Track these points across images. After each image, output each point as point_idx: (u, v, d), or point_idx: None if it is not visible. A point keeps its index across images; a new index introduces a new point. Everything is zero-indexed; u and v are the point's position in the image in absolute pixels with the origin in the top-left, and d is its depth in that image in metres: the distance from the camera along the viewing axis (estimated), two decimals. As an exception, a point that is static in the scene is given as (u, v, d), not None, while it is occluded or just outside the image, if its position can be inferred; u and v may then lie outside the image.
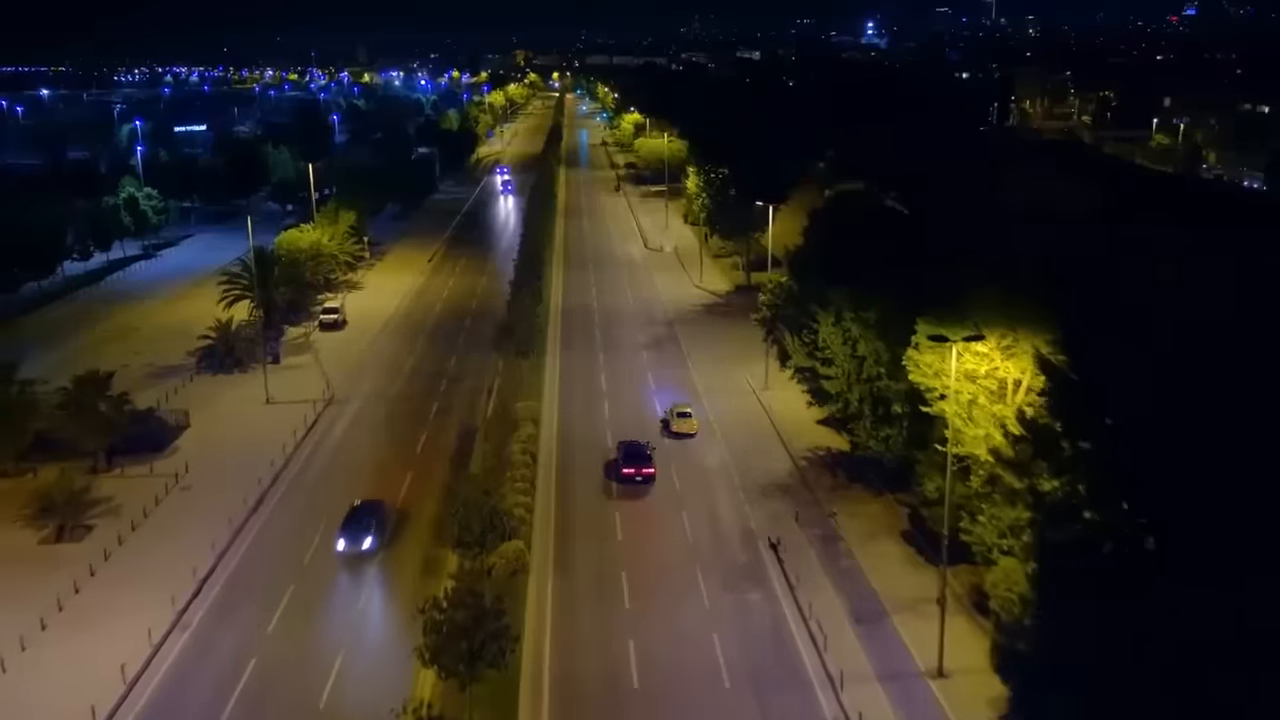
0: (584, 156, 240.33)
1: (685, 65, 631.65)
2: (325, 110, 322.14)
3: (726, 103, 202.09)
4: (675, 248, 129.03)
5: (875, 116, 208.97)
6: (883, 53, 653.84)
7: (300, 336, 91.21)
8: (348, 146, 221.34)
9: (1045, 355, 39.20)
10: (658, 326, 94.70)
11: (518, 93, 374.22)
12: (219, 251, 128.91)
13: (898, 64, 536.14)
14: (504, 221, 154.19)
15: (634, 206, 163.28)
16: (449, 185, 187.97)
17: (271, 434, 67.52)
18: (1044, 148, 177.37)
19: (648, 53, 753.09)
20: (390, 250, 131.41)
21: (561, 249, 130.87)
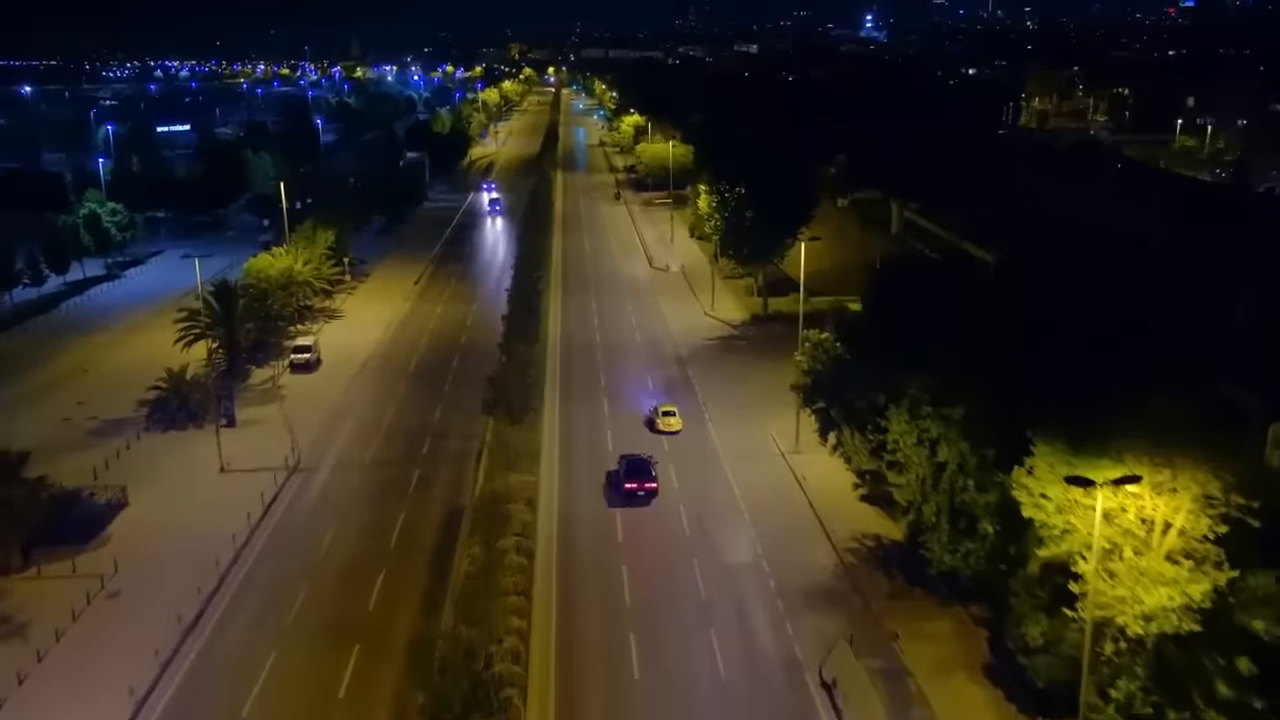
0: (581, 158, 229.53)
1: (682, 59, 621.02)
2: (314, 108, 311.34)
3: (730, 103, 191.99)
4: (682, 266, 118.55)
5: (886, 116, 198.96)
6: (883, 46, 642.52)
7: (267, 381, 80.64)
8: (334, 150, 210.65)
9: (1215, 494, 29.11)
10: (668, 366, 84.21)
11: (512, 89, 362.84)
12: (190, 271, 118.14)
13: (900, 58, 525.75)
14: (498, 235, 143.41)
15: (636, 217, 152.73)
16: (440, 191, 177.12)
17: (222, 517, 57.02)
18: (1082, 156, 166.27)
19: (644, 46, 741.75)
20: (374, 269, 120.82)
21: (559, 269, 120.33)
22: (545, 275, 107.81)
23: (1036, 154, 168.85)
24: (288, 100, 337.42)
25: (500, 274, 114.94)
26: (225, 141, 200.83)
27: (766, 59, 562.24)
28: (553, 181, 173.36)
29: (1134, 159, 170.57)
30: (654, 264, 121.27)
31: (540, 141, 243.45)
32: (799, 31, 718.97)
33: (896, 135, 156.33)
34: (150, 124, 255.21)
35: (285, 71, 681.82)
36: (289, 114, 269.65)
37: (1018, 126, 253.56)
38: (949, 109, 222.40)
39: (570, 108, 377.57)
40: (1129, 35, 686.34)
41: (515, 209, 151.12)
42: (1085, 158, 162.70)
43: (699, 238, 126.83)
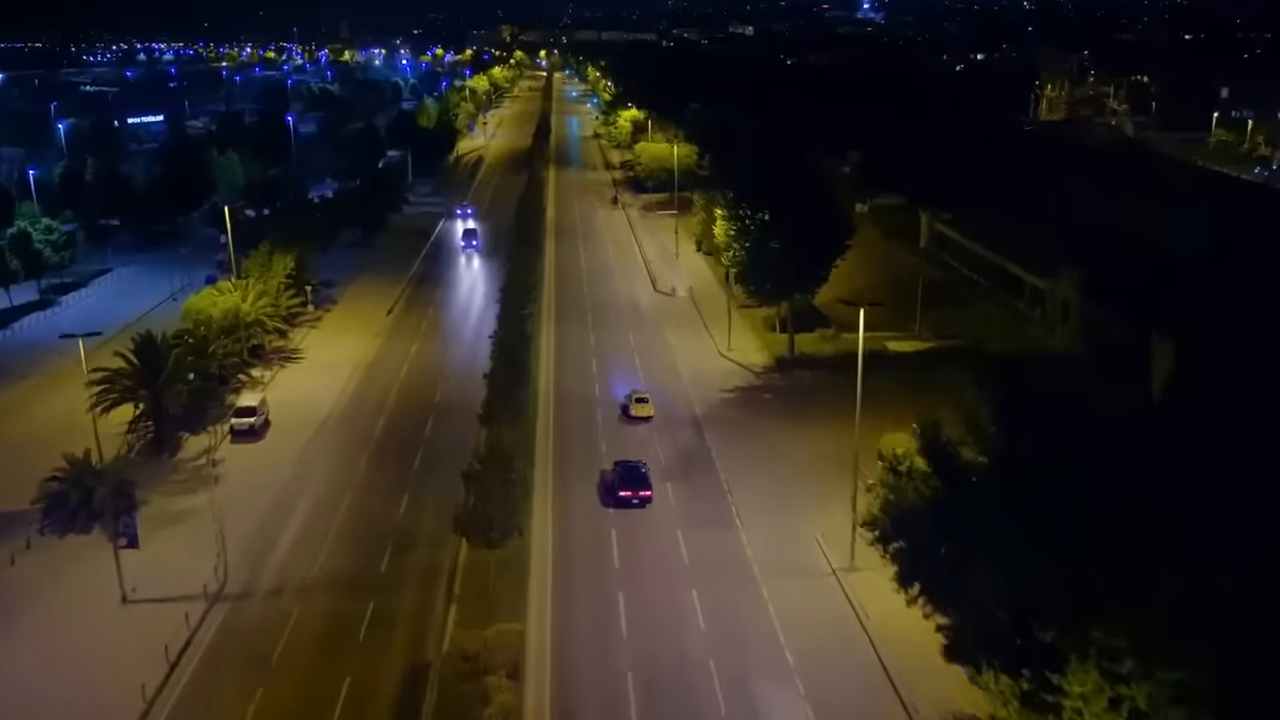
0: (575, 152, 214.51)
1: (677, 42, 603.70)
2: (294, 96, 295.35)
3: (733, 94, 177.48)
4: (690, 290, 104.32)
5: (897, 108, 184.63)
6: (880, 28, 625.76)
7: (201, 455, 66.45)
8: (312, 144, 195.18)
9: None
10: (682, 430, 70.12)
11: (502, 75, 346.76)
12: (137, 295, 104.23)
13: (900, 41, 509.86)
14: (483, 254, 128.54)
15: (635, 225, 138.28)
16: (423, 194, 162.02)
17: (113, 680, 43.17)
18: (1118, 153, 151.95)
19: (637, 27, 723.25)
20: (343, 293, 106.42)
21: (552, 291, 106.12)
22: (536, 304, 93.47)
23: (1068, 151, 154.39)
24: (268, 87, 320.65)
25: (485, 302, 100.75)
26: (192, 138, 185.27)
27: (763, 41, 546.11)
28: (544, 183, 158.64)
29: (1172, 157, 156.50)
30: (658, 286, 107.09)
31: (532, 133, 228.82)
32: (795, 13, 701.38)
33: (913, 130, 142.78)
34: (120, 115, 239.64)
35: (272, 55, 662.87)
36: (266, 103, 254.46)
37: (1036, 118, 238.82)
38: (964, 100, 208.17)
39: (563, 94, 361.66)
40: (1130, 15, 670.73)
41: (497, 238, 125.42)
42: (1122, 156, 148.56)
43: (707, 252, 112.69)
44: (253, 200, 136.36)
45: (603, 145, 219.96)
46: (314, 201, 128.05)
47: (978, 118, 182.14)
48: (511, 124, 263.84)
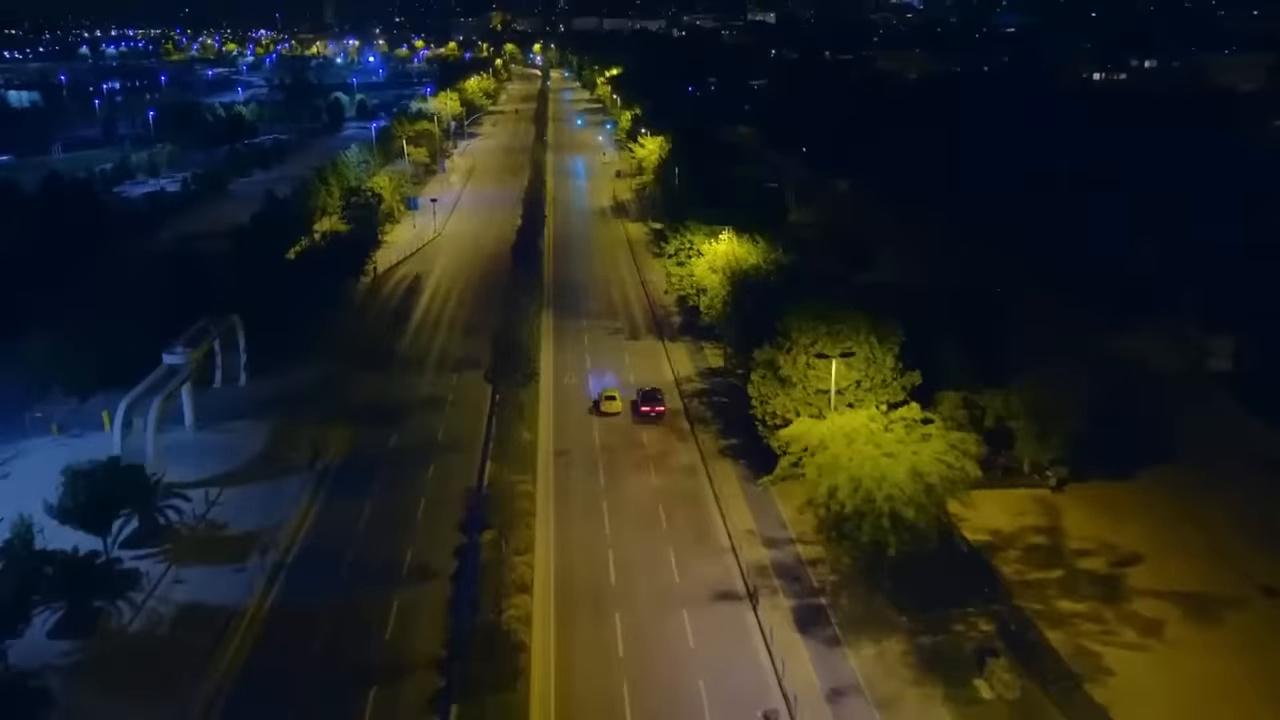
0: (584, 234, 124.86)
1: (689, 31, 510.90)
2: (190, 121, 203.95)
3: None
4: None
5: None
6: (919, 13, 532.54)
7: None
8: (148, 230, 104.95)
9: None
10: None
11: (481, 87, 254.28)
12: None
13: (939, 29, 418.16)
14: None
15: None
16: (264, 386, 72.86)
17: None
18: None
19: (642, 13, 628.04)
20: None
21: None
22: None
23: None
24: (171, 107, 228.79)
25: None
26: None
27: (788, 30, 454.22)
28: (530, 402, 68.37)
29: None
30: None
31: (520, 191, 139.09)
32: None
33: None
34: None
35: (232, 46, 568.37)
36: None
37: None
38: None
39: (561, 110, 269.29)
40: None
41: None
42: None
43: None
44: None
45: (628, 214, 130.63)
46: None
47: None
48: (488, 175, 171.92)
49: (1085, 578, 47.92)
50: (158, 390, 63.22)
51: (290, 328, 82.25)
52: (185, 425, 68.68)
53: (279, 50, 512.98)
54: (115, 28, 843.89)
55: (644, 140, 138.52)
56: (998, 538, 51.76)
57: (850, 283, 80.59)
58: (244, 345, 76.89)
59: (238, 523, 56.13)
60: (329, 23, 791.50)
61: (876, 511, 42.94)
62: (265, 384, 76.47)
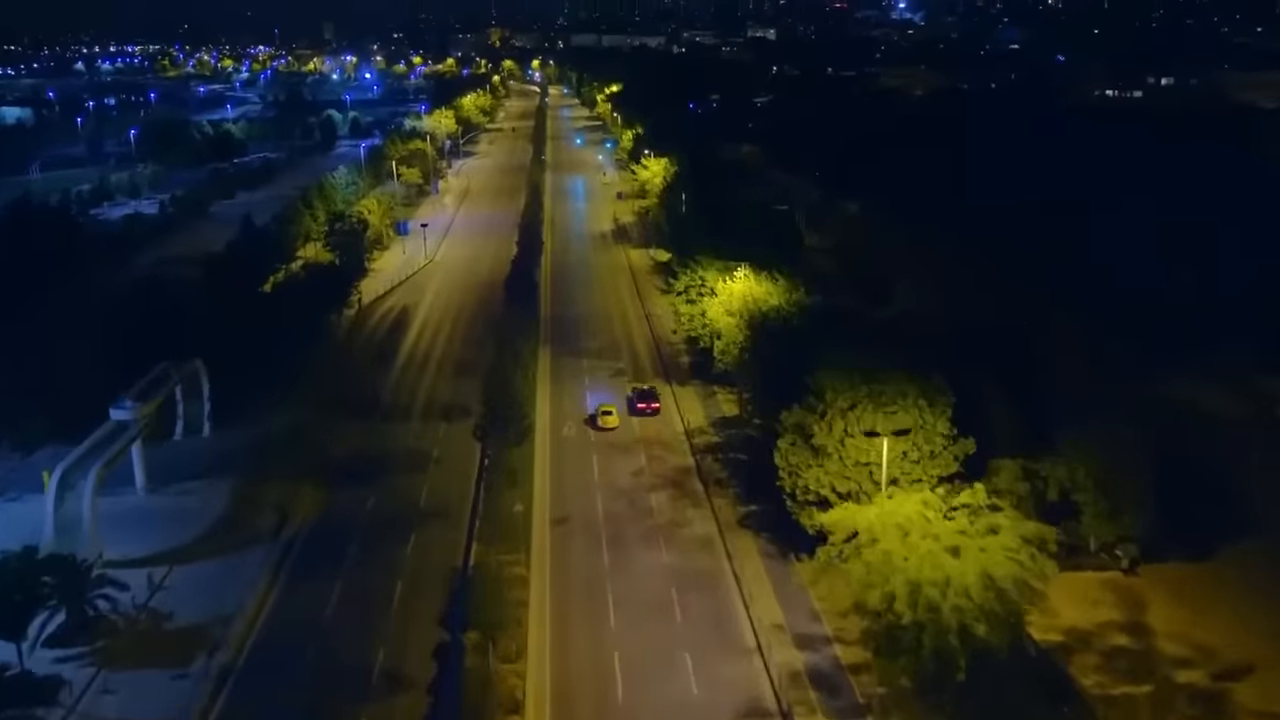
0: (584, 258, 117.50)
1: (689, 48, 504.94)
2: (178, 139, 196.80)
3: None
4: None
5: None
6: (920, 30, 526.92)
7: None
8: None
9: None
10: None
11: (478, 105, 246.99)
12: None
13: (942, 44, 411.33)
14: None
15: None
16: (231, 436, 64.93)
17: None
18: None
19: (640, 30, 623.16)
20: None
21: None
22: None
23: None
24: (157, 126, 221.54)
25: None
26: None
27: (789, 47, 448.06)
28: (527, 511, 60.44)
29: None
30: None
31: (516, 213, 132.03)
32: (812, 14, 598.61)
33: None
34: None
35: (229, 62, 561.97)
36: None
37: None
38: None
39: (560, 127, 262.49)
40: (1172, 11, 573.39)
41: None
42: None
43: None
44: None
45: (629, 238, 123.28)
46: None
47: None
48: (483, 196, 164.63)
49: (1184, 694, 40.10)
50: (101, 451, 55.37)
51: (264, 368, 74.57)
52: (136, 487, 60.87)
53: (275, 66, 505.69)
54: (115, 44, 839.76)
55: (647, 162, 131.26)
56: (1072, 637, 43.93)
57: (873, 320, 73.04)
58: (209, 392, 69.15)
59: (185, 611, 48.30)
60: (328, 39, 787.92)
61: (941, 626, 35.17)
62: (232, 434, 68.73)
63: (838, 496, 45.62)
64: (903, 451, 45.96)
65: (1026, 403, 64.96)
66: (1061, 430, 54.78)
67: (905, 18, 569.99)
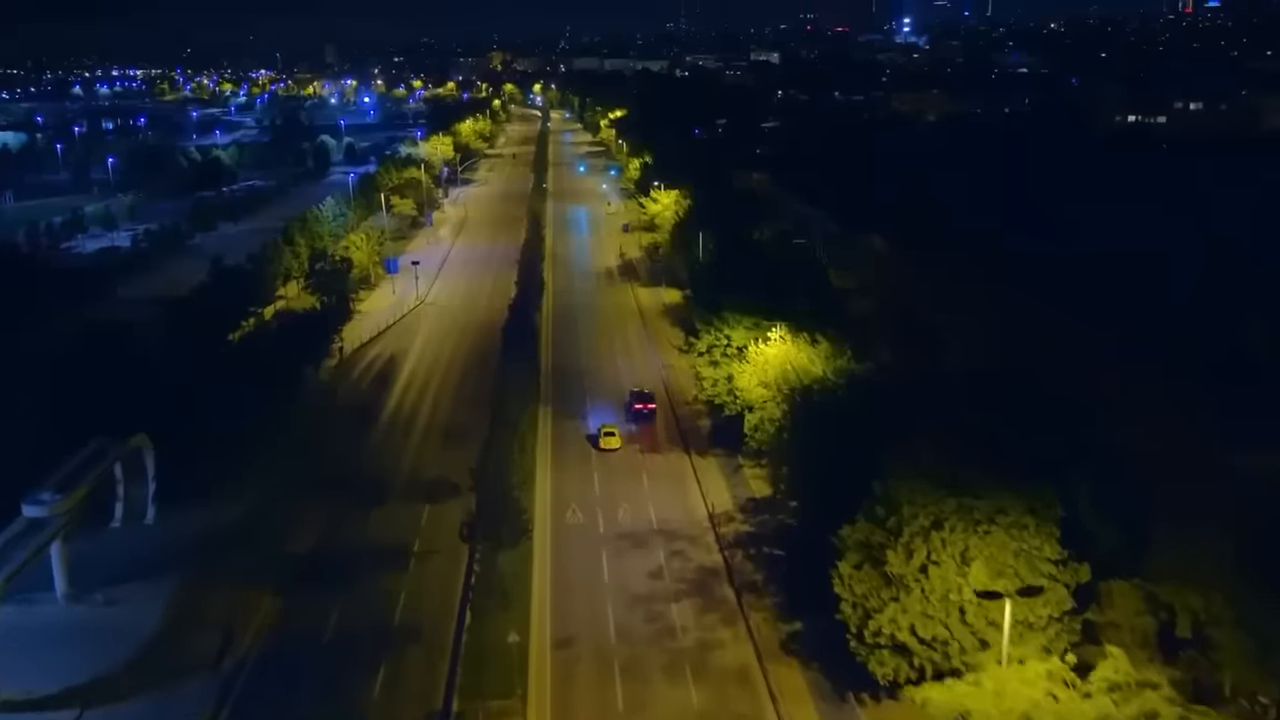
0: (589, 300, 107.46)
1: (692, 71, 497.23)
2: (162, 165, 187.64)
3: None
4: None
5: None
6: (925, 54, 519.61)
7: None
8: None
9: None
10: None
11: (476, 131, 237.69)
12: None
13: (949, 69, 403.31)
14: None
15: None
16: (179, 523, 54.81)
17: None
18: None
19: (643, 54, 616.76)
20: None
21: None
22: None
23: None
24: (143, 152, 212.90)
25: None
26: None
27: (793, 71, 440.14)
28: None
29: None
30: None
31: (516, 247, 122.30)
32: (828, 38, 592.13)
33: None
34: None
35: (228, 85, 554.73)
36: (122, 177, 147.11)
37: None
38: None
39: (562, 153, 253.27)
40: (1173, 37, 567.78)
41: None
42: None
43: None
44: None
45: (636, 275, 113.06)
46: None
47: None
48: (481, 228, 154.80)
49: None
50: (4, 558, 45.27)
51: (225, 437, 64.59)
52: (56, 594, 50.67)
53: (274, 90, 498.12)
54: (118, 68, 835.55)
55: (657, 194, 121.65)
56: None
57: (928, 386, 62.97)
58: (153, 472, 58.94)
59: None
60: (329, 63, 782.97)
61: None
62: (181, 520, 58.53)
63: (920, 643, 35.37)
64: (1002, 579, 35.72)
65: (1114, 486, 54.86)
66: (1156, 524, 45.12)
67: (909, 42, 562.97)
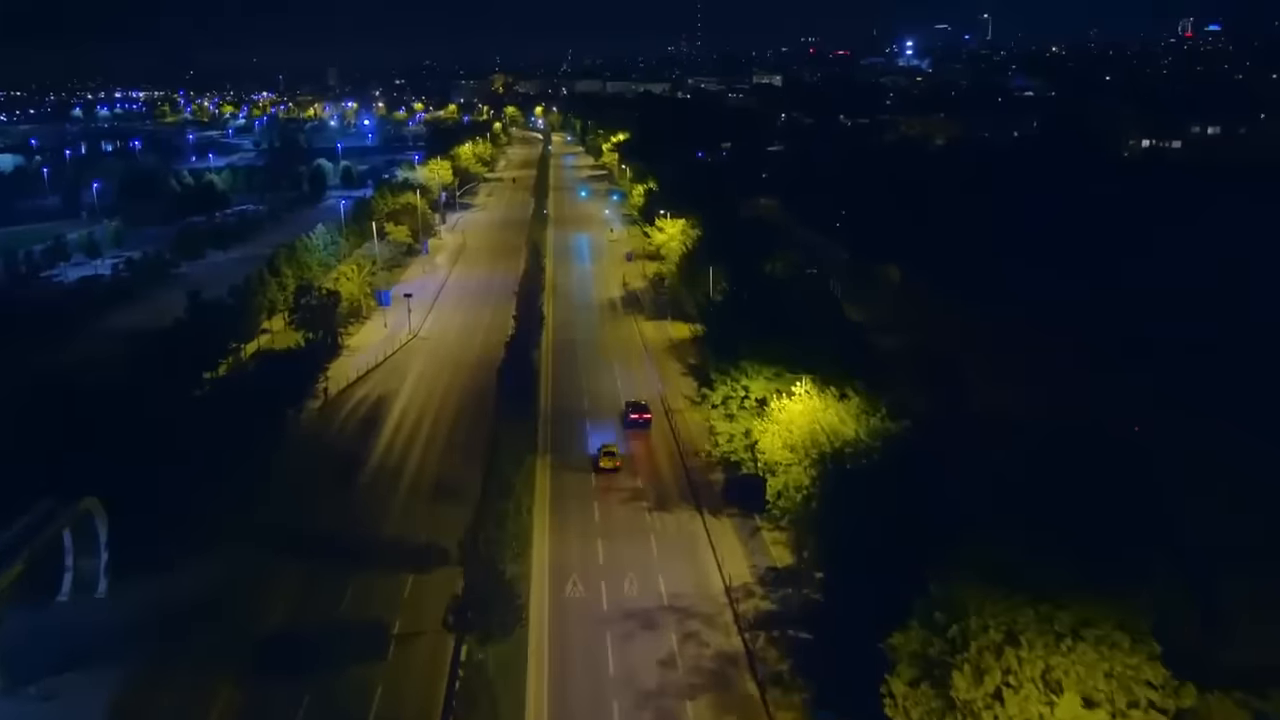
0: (591, 334, 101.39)
1: (694, 94, 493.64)
2: (154, 190, 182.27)
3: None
4: None
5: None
6: (928, 77, 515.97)
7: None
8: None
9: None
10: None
11: (476, 154, 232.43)
12: None
13: (953, 91, 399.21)
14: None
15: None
16: (134, 596, 48.73)
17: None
18: None
19: (645, 77, 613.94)
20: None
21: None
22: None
23: None
24: (133, 175, 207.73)
25: None
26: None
27: (796, 94, 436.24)
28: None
29: None
30: None
31: (515, 276, 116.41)
32: (830, 61, 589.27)
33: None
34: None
35: (228, 108, 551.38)
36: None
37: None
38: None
39: (564, 177, 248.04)
40: (1180, 62, 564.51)
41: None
42: None
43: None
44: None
45: (644, 312, 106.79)
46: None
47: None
48: (479, 256, 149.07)
49: None
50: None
51: (193, 494, 58.47)
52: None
53: (273, 112, 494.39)
54: (121, 90, 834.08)
55: (663, 223, 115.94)
56: None
57: (971, 442, 56.84)
58: (106, 539, 52.79)
59: None
60: (331, 85, 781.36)
61: None
62: (136, 592, 52.37)
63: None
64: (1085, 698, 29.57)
65: (1183, 563, 49.27)
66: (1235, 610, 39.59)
67: (912, 65, 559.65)
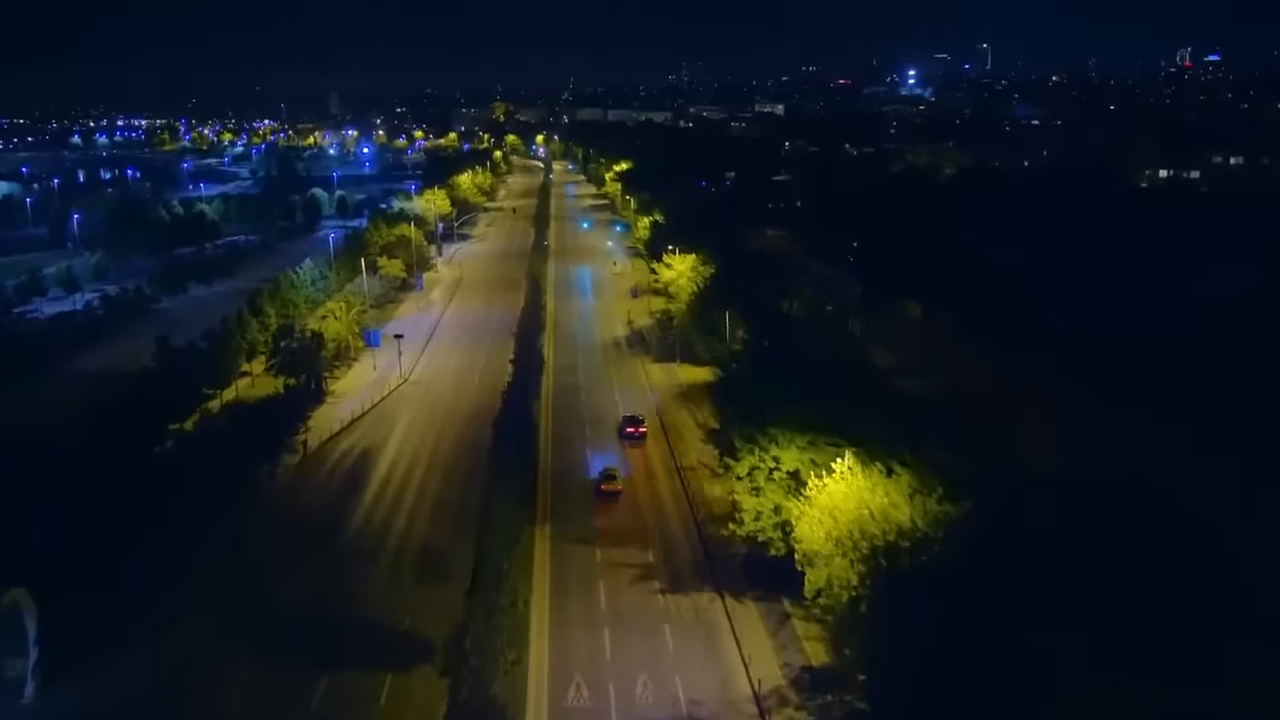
0: (594, 379, 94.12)
1: (696, 123, 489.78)
2: (141, 221, 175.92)
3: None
4: None
5: None
6: (932, 105, 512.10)
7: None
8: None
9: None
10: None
11: (475, 185, 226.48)
12: None
13: (958, 119, 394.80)
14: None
15: None
16: (65, 697, 41.62)
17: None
18: None
19: (646, 105, 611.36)
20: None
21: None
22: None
23: None
24: (121, 204, 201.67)
25: None
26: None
27: (798, 122, 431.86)
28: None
29: None
30: None
31: (514, 314, 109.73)
32: (832, 90, 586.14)
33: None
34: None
35: (228, 135, 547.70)
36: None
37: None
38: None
39: (565, 207, 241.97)
40: (1186, 94, 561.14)
41: None
42: None
43: None
44: None
45: (651, 376, 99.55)
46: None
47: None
48: (477, 290, 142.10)
49: None
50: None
51: (143, 572, 51.35)
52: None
53: (273, 140, 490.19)
54: (123, 118, 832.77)
55: (670, 259, 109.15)
56: None
57: (1037, 515, 49.60)
58: (35, 635, 45.45)
59: None
60: (333, 113, 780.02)
61: None
62: (67, 692, 44.96)
63: None
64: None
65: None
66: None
67: (914, 93, 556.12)
